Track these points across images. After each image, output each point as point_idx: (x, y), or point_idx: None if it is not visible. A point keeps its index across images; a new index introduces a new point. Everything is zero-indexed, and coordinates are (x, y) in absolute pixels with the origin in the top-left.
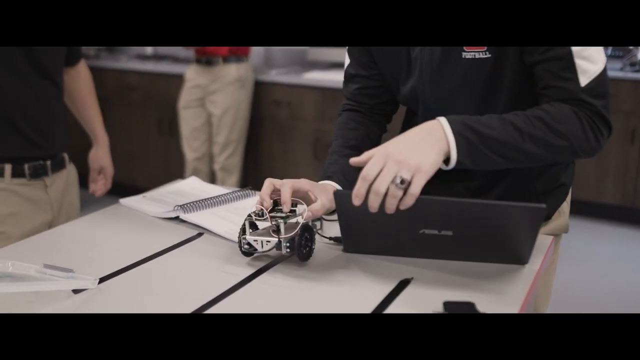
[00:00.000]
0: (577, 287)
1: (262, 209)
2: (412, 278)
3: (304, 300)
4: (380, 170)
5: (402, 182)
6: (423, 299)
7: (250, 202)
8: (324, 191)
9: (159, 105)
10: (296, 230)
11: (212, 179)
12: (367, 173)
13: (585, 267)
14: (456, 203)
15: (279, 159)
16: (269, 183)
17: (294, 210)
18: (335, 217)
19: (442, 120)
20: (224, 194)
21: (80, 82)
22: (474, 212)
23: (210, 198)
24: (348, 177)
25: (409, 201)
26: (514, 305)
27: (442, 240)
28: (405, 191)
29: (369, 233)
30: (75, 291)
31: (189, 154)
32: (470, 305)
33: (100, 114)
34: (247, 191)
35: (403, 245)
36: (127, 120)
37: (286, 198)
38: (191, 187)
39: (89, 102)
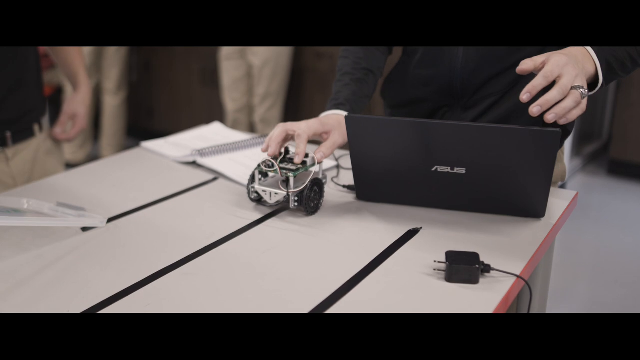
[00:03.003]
0: (625, 251)
1: (272, 161)
2: (421, 227)
3: (308, 245)
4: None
5: (584, 91)
6: (429, 248)
7: None
8: (337, 125)
9: (201, 55)
10: (305, 184)
11: (252, 130)
12: (551, 73)
13: (634, 232)
14: (469, 127)
15: (320, 112)
16: (281, 130)
17: (305, 162)
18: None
19: (589, 49)
20: (243, 140)
21: (68, 50)
22: (487, 138)
23: (228, 144)
24: (359, 104)
25: (578, 112)
26: (521, 260)
27: (455, 181)
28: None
29: (380, 171)
30: (85, 229)
31: (230, 105)
32: (474, 255)
33: (83, 57)
34: (266, 138)
35: (415, 189)
36: (169, 71)
37: (301, 151)
38: (214, 132)
39: (75, 54)
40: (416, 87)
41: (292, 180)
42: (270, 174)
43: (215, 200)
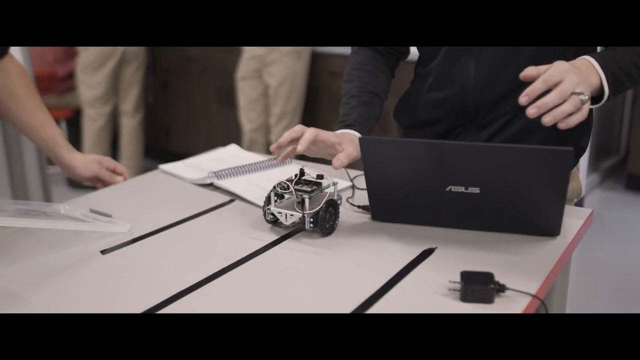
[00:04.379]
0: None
1: (287, 183)
2: (436, 247)
3: (324, 266)
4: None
5: (584, 97)
6: (444, 268)
7: (285, 170)
8: (350, 140)
9: (218, 76)
10: (321, 205)
11: (268, 150)
12: (551, 77)
13: None
14: (482, 147)
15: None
16: (299, 127)
17: (320, 183)
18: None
19: (590, 59)
20: (260, 162)
21: (13, 81)
22: (501, 157)
23: (245, 165)
24: (368, 126)
25: (579, 118)
26: (537, 279)
27: (469, 201)
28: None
29: (395, 191)
30: (104, 251)
31: (246, 125)
32: (489, 275)
33: (50, 115)
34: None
35: (429, 209)
36: (186, 91)
37: (308, 136)
38: (229, 154)
39: (34, 103)
40: (429, 110)
41: (307, 201)
42: (286, 196)
43: (231, 222)
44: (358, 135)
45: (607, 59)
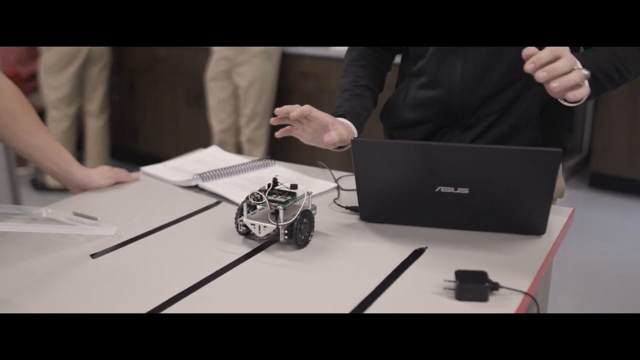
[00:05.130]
0: (608, 263)
1: (260, 194)
2: (426, 247)
3: (313, 270)
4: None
5: (587, 73)
6: (436, 267)
7: (270, 172)
8: (342, 123)
9: (187, 77)
10: (295, 217)
11: (238, 150)
12: (556, 49)
13: (616, 244)
14: (472, 149)
15: None
16: (296, 105)
17: (294, 194)
18: (352, 186)
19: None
20: (243, 163)
21: (9, 101)
22: (490, 158)
23: (229, 167)
24: (360, 117)
25: (583, 92)
26: (527, 277)
27: (458, 201)
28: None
29: (385, 192)
30: (94, 255)
31: (216, 126)
32: (483, 274)
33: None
34: (266, 161)
35: (419, 210)
36: (154, 93)
37: (303, 108)
38: (212, 156)
39: (35, 123)
40: (416, 110)
41: (281, 212)
42: (259, 207)
43: (221, 224)
44: (348, 123)
45: (587, 59)
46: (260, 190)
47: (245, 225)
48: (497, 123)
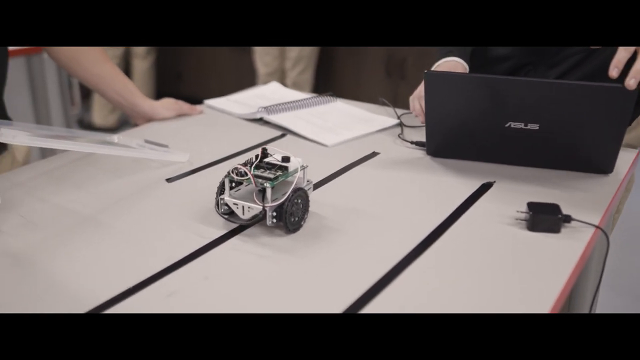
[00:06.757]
0: None
1: (244, 169)
2: (494, 181)
3: (392, 198)
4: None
5: None
6: (505, 200)
7: (332, 107)
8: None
9: None
10: (286, 196)
11: None
12: (628, 47)
13: None
14: (544, 84)
15: (351, 76)
16: None
17: (285, 168)
18: (417, 122)
19: None
20: (306, 98)
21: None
22: (562, 94)
23: (293, 101)
24: (465, 50)
25: None
26: (597, 212)
27: (528, 138)
28: None
29: (454, 126)
30: (169, 179)
31: (261, 69)
32: (555, 206)
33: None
34: (328, 97)
35: (487, 145)
36: None
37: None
38: (272, 91)
39: (101, 55)
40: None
41: (269, 191)
42: (244, 183)
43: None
44: (459, 61)
45: None
46: (244, 164)
47: (227, 205)
48: (583, 63)
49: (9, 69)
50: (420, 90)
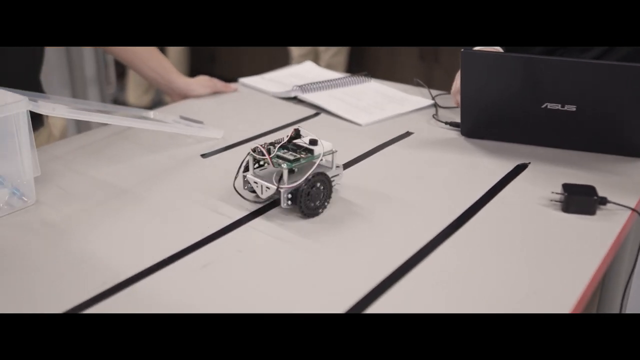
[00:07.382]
0: None
1: (269, 147)
2: (529, 163)
3: (422, 180)
4: None
5: None
6: (540, 181)
7: (367, 87)
8: None
9: None
10: (304, 178)
11: None
12: None
13: None
14: (582, 64)
15: (385, 60)
16: None
17: (311, 151)
18: (449, 103)
19: None
20: (340, 78)
21: None
22: (600, 75)
23: (328, 80)
24: None
25: None
26: (633, 195)
27: (564, 119)
28: None
29: (490, 107)
30: (204, 155)
31: (295, 51)
32: (591, 188)
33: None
34: (362, 77)
35: (522, 126)
36: None
37: None
38: (307, 70)
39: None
40: None
41: (285, 173)
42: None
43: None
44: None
45: None
46: (271, 143)
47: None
48: (616, 48)
49: (46, 48)
50: (458, 83)
